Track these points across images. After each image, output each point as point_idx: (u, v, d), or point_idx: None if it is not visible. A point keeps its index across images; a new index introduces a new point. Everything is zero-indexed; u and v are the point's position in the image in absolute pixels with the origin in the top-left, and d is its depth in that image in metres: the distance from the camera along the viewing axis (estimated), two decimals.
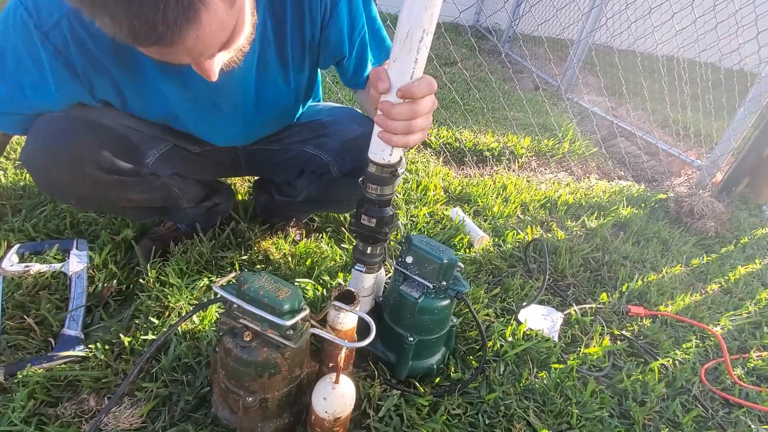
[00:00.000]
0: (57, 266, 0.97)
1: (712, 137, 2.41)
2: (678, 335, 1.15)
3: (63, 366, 0.79)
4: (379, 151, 0.67)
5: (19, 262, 0.97)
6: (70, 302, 0.91)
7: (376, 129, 0.66)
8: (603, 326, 1.14)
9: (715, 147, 2.06)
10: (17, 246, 1.00)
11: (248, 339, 0.64)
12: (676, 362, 1.06)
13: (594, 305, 1.21)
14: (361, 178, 0.74)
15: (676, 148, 2.30)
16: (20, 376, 0.75)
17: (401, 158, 0.71)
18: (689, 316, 1.22)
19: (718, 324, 1.23)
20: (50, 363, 0.78)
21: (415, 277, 0.83)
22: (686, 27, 1.93)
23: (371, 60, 0.89)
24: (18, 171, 1.25)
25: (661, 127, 2.78)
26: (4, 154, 1.32)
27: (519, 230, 1.45)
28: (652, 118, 2.74)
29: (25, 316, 0.85)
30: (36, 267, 0.96)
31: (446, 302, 0.83)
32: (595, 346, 1.06)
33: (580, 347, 1.05)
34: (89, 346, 0.82)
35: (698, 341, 1.15)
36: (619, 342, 1.10)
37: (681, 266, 1.47)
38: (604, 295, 1.24)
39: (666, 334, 1.14)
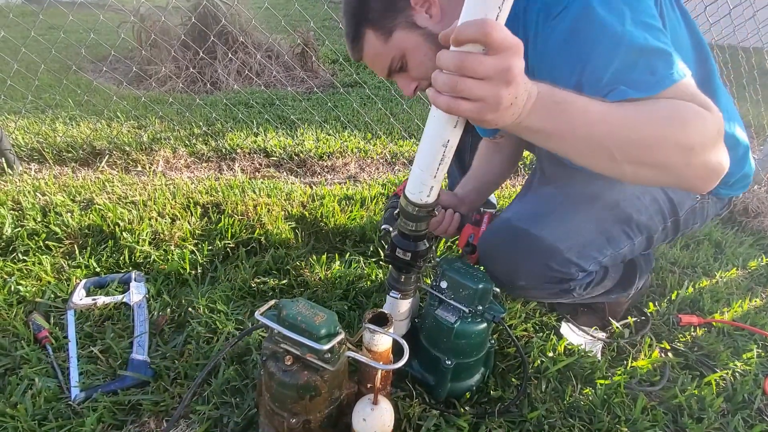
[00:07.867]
0: (119, 297, 1.07)
1: (764, 128, 2.25)
2: (737, 344, 1.08)
3: (127, 391, 0.86)
4: (417, 192, 0.66)
5: (86, 296, 1.07)
6: (135, 329, 0.99)
7: (416, 162, 0.63)
8: (651, 338, 1.09)
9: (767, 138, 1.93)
10: (84, 281, 1.11)
11: (289, 363, 0.67)
12: (736, 374, 1.00)
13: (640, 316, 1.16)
14: (396, 211, 0.74)
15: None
16: (89, 403, 0.82)
17: (438, 196, 0.69)
18: (748, 323, 1.14)
19: None
20: (123, 384, 0.86)
21: (450, 301, 0.83)
22: (723, 17, 1.84)
23: None
24: (83, 212, 1.38)
25: None
26: (70, 197, 1.46)
27: None
28: None
29: (92, 348, 0.94)
30: (102, 299, 1.05)
31: (483, 326, 0.82)
32: (643, 359, 1.01)
33: (628, 361, 1.01)
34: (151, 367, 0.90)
35: (760, 350, 1.07)
36: (670, 354, 1.04)
37: (737, 269, 1.37)
38: (651, 304, 1.19)
39: (723, 343, 1.07)
